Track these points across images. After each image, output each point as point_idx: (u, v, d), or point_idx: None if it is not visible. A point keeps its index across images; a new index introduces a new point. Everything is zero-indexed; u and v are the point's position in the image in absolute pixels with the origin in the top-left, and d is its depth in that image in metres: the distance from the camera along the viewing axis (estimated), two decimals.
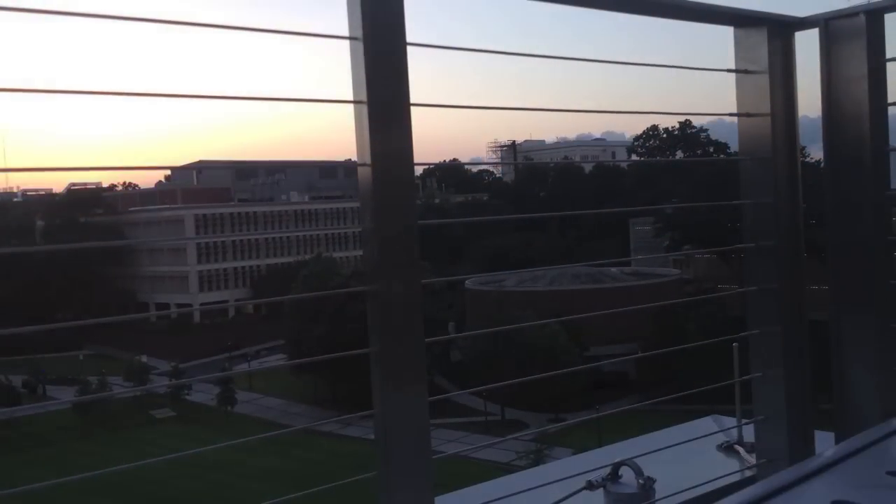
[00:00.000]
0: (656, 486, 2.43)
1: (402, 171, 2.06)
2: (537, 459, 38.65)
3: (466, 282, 59.78)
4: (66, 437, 48.62)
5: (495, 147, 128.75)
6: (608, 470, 2.45)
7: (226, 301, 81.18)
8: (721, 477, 2.71)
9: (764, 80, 2.78)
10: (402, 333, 2.07)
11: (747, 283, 2.92)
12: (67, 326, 2.93)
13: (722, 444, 3.00)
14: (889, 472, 2.08)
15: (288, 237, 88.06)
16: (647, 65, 3.04)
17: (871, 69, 2.71)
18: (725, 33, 2.87)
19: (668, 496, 2.47)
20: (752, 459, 2.87)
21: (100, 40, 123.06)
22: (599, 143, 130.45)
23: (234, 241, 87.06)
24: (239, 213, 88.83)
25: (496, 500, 2.43)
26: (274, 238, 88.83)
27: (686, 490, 2.55)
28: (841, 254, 2.87)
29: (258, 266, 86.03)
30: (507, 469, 36.02)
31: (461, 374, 55.17)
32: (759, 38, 2.78)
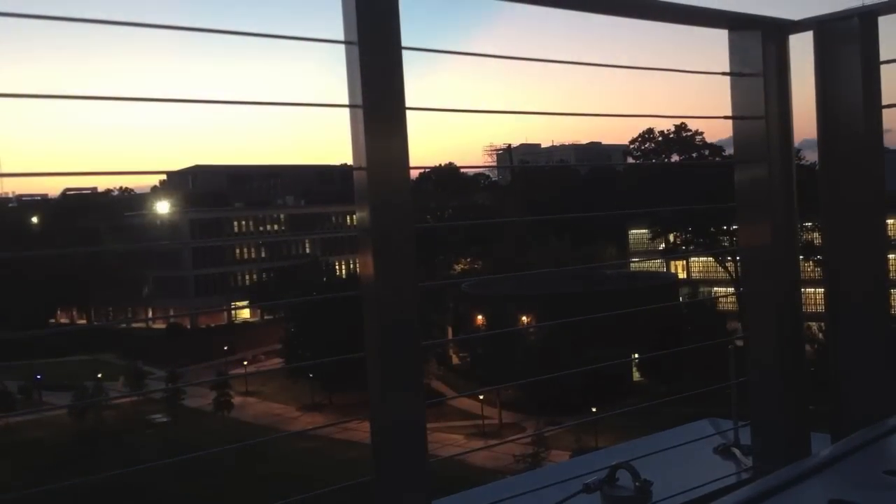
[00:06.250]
0: (653, 488, 2.43)
1: (397, 175, 2.06)
2: (534, 462, 38.65)
3: (463, 285, 59.82)
4: (61, 443, 48.47)
5: (491, 151, 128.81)
6: (605, 473, 2.45)
7: (222, 306, 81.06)
8: (717, 479, 2.71)
9: (758, 83, 2.79)
10: (398, 337, 2.07)
11: (743, 285, 2.93)
12: (63, 331, 2.93)
13: (718, 446, 3.00)
14: (887, 472, 2.09)
15: (284, 241, 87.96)
16: (641, 68, 3.05)
17: (865, 71, 2.72)
18: (720, 36, 2.88)
19: (665, 499, 2.47)
20: (748, 462, 2.87)
21: (95, 46, 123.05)
22: (595, 146, 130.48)
23: (229, 246, 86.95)
24: (235, 218, 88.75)
25: (493, 503, 2.43)
26: (270, 242, 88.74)
27: (683, 492, 2.55)
28: (836, 255, 2.88)
29: (254, 270, 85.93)
30: (503, 472, 36.01)
31: (458, 377, 55.20)
32: (754, 41, 2.79)
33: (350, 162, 2.05)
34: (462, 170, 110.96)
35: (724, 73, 2.86)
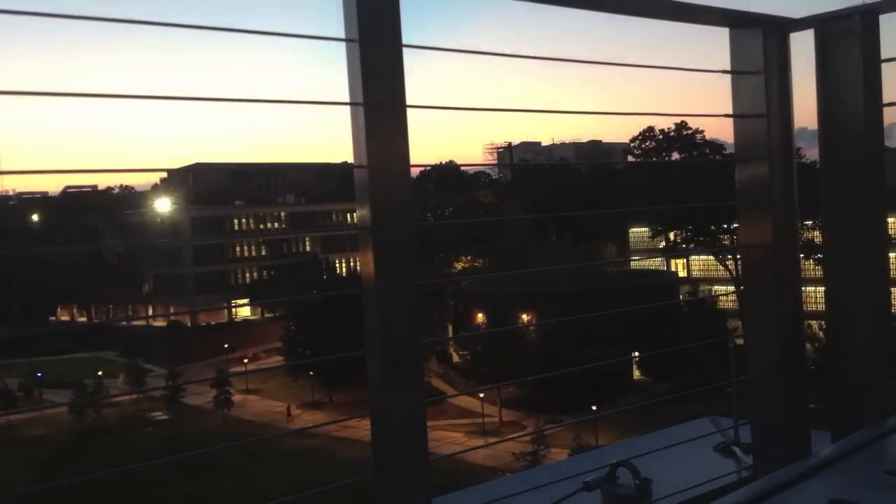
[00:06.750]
0: (653, 486, 2.43)
1: (398, 173, 2.06)
2: (534, 460, 38.68)
3: (464, 283, 59.83)
4: (62, 440, 48.52)
5: (492, 149, 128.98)
6: (605, 471, 2.45)
7: (222, 303, 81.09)
8: (718, 478, 2.71)
9: (759, 81, 2.78)
10: (398, 335, 2.07)
11: (743, 284, 2.93)
12: (64, 329, 2.93)
13: (718, 444, 3.00)
14: (887, 472, 2.09)
15: (285, 239, 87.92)
16: (642, 66, 3.04)
17: (866, 70, 2.71)
18: (721, 34, 2.87)
19: (665, 497, 2.47)
20: (748, 460, 2.87)
21: (96, 43, 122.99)
22: (596, 144, 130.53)
23: (230, 244, 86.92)
24: (235, 216, 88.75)
25: (493, 501, 2.43)
26: (270, 240, 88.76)
27: (683, 491, 2.55)
28: (837, 254, 2.88)
29: (255, 268, 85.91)
30: (504, 470, 36.04)
31: (458, 375, 55.21)
32: (755, 39, 2.78)
33: (351, 160, 2.05)
34: (463, 168, 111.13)
35: (725, 72, 2.85)
